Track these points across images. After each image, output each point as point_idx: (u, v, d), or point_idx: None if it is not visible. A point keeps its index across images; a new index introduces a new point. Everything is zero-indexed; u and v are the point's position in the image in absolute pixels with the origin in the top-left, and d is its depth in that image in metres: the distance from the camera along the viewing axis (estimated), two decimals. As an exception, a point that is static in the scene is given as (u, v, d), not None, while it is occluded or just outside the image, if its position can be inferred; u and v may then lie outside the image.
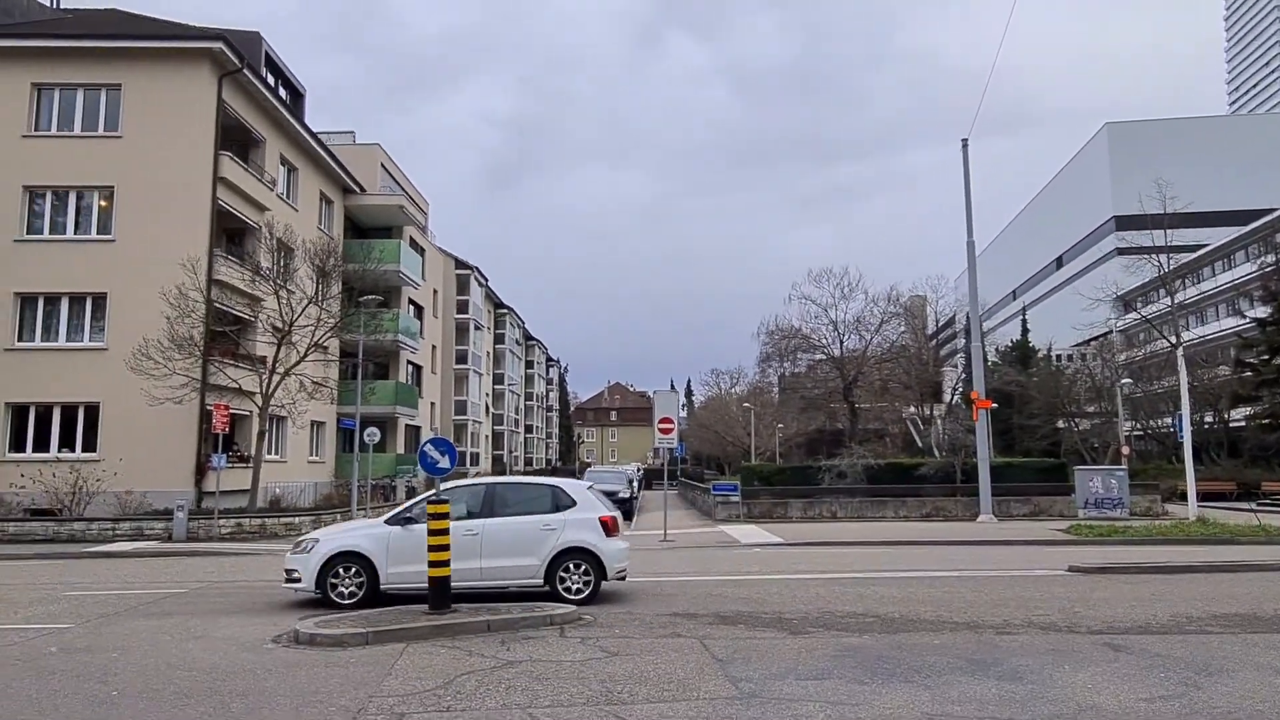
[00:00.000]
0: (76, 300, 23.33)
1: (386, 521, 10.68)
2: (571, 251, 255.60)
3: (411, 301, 39.42)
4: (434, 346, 44.99)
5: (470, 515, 10.57)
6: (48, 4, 28.60)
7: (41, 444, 22.61)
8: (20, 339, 22.97)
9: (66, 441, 22.67)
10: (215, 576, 14.00)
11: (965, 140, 25.32)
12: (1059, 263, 79.14)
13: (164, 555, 17.72)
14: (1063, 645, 7.79)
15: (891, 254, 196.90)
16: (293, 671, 7.02)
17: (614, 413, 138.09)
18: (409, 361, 38.85)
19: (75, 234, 23.54)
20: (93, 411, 22.70)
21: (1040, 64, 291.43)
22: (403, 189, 41.18)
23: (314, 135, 30.72)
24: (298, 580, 10.20)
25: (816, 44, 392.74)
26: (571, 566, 10.51)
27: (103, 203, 23.68)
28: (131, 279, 22.79)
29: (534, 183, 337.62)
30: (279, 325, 23.43)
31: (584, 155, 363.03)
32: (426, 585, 9.28)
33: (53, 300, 23.28)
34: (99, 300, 23.20)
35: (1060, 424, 42.92)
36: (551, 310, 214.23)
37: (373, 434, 23.68)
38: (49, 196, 23.66)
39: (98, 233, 23.49)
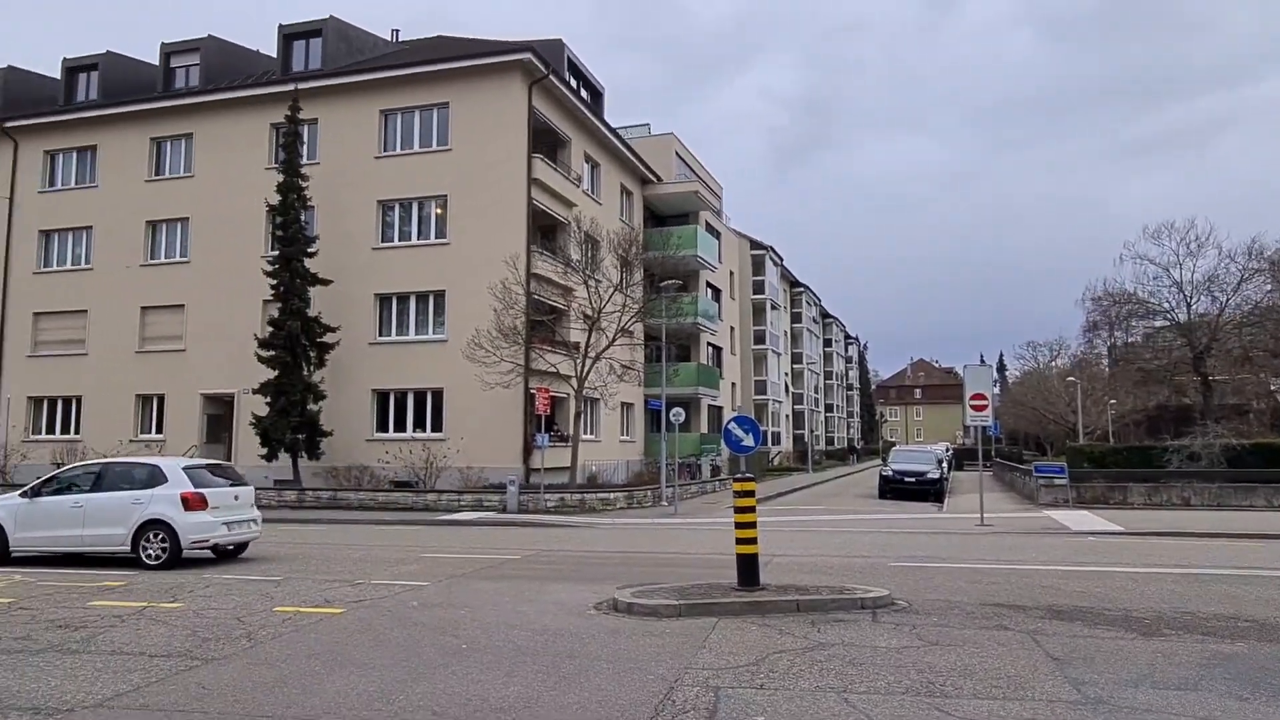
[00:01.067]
0: (421, 298, 26.47)
1: (20, 495, 12.84)
2: (866, 224, 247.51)
3: (709, 284, 40.29)
4: (732, 328, 45.70)
5: (80, 490, 12.54)
6: (388, 39, 32.61)
7: (400, 425, 25.99)
8: (380, 334, 26.53)
9: (419, 423, 25.85)
10: (543, 545, 15.22)
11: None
12: None
13: (499, 525, 19.63)
14: None
15: (1249, 201, 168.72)
16: (614, 638, 7.37)
17: (918, 390, 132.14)
18: (709, 343, 39.78)
19: (418, 240, 26.70)
20: (438, 396, 25.67)
21: None
22: (697, 175, 42.13)
23: (613, 131, 32.31)
24: None
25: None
26: (152, 536, 11.99)
27: (438, 210, 26.63)
28: (464, 277, 25.43)
29: (824, 157, 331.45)
30: (589, 313, 24.97)
31: (876, 124, 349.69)
32: (48, 548, 12.48)
33: (403, 299, 26.61)
34: (439, 297, 26.15)
35: None
36: (848, 286, 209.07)
37: (678, 414, 24.54)
38: (396, 208, 27.03)
39: (436, 237, 26.47)
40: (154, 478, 12.45)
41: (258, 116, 28.09)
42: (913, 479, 29.22)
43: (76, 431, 28.82)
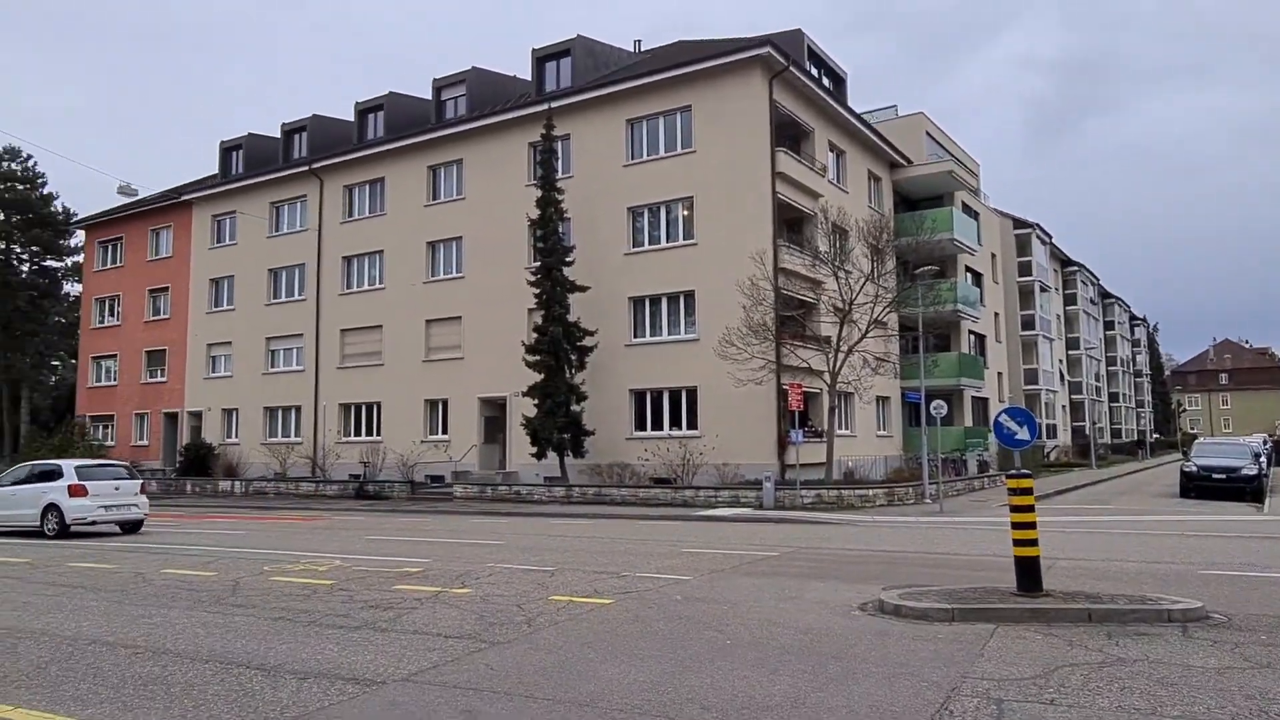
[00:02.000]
0: (672, 299, 27.12)
1: (18, 480, 18.39)
2: (1145, 193, 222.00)
3: (968, 269, 37.95)
4: (996, 314, 42.73)
5: (16, 483, 18.22)
6: (632, 50, 33.75)
7: (657, 423, 26.79)
8: (635, 335, 27.50)
9: (675, 421, 26.50)
10: (801, 542, 15.02)
11: None
12: None
13: (756, 521, 19.64)
14: None
15: None
16: (881, 640, 7.08)
17: (1223, 375, 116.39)
18: (970, 331, 37.47)
19: (666, 242, 27.38)
20: (692, 394, 26.17)
21: None
22: (950, 154, 39.83)
23: (857, 117, 31.32)
24: None
25: None
26: (50, 515, 17.10)
27: (685, 212, 27.15)
28: (712, 276, 25.74)
29: (1092, 124, 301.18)
30: (839, 305, 24.36)
31: (1152, 81, 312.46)
32: (13, 524, 17.90)
33: (655, 301, 27.40)
34: (689, 297, 26.65)
35: None
36: (1130, 263, 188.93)
37: (939, 407, 23.27)
38: (645, 213, 27.89)
39: (683, 239, 27.01)
40: (55, 474, 17.68)
41: (517, 137, 30.15)
42: (1223, 475, 25.76)
43: (378, 434, 32.44)
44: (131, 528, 18.10)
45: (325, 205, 35.10)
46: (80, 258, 47.89)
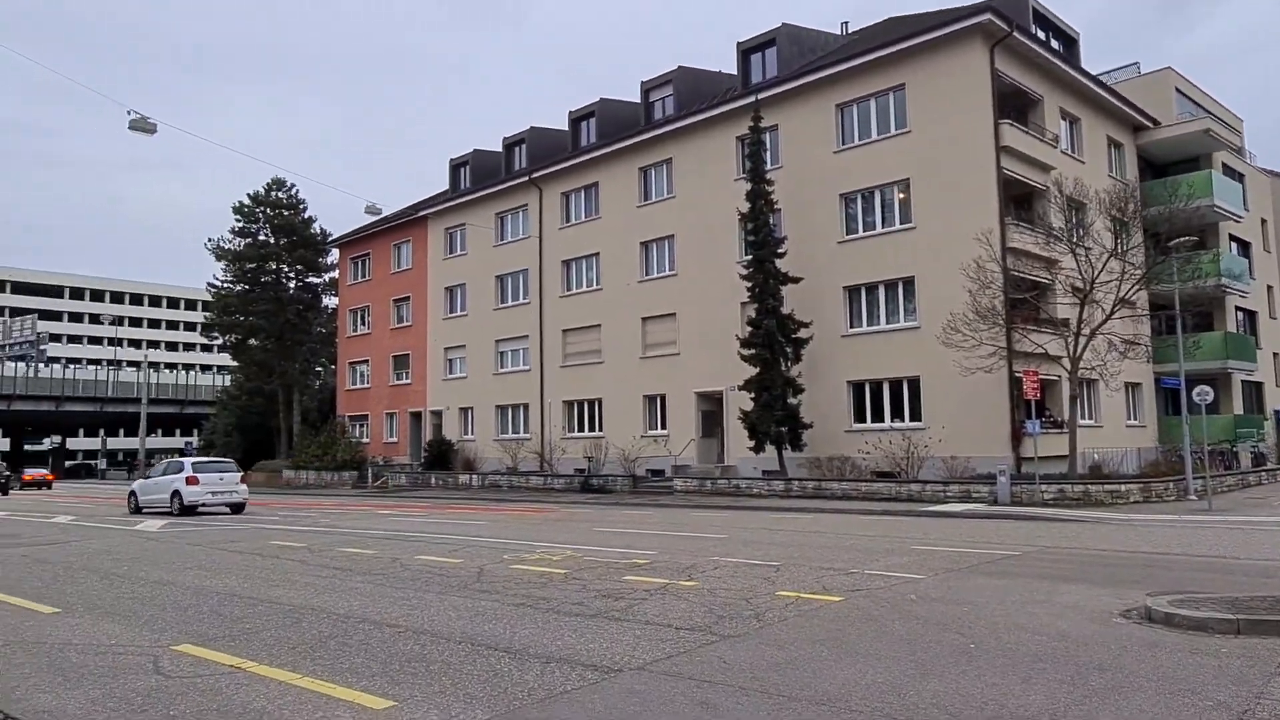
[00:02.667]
0: (890, 286, 26.12)
1: (158, 472, 25.21)
2: None
3: (1233, 238, 33.83)
4: (1269, 287, 37.69)
5: (161, 475, 24.76)
6: (838, 34, 32.82)
7: (877, 415, 25.92)
8: (851, 326, 26.74)
9: (896, 412, 25.53)
10: (1045, 541, 13.96)
11: None
12: None
13: (990, 518, 18.48)
14: None
15: None
16: (1151, 652, 6.41)
17: None
18: (1238, 308, 33.35)
19: (882, 228, 26.39)
20: (914, 384, 25.09)
21: None
22: (1206, 111, 35.57)
23: (1092, 79, 28.73)
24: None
25: None
26: (174, 498, 23.10)
27: (900, 195, 26.05)
28: (933, 260, 24.53)
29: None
30: (1078, 285, 22.48)
31: None
32: (153, 506, 24.07)
33: (871, 289, 26.50)
34: (908, 284, 25.56)
35: None
36: None
37: (1204, 393, 20.72)
38: (859, 199, 27.04)
39: (900, 223, 25.93)
40: (179, 469, 23.84)
41: (724, 132, 30.20)
42: None
43: (600, 429, 33.66)
44: (237, 509, 23.74)
45: (545, 212, 36.85)
46: (335, 273, 53.27)
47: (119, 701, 5.57)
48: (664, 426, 31.56)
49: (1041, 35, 27.94)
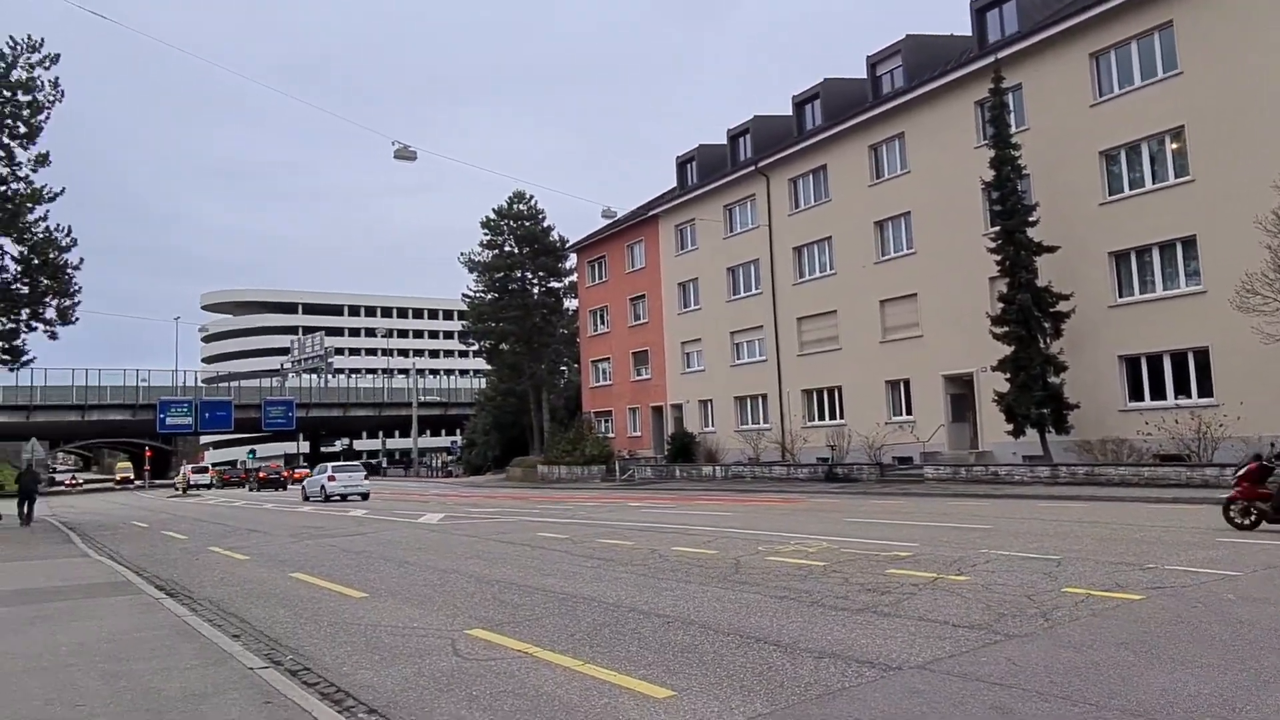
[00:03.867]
0: (1165, 248, 23.40)
1: (315, 473, 37.92)
2: None
3: None
4: None
5: (317, 475, 36.65)
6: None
7: (1157, 392, 23.33)
8: (1120, 295, 24.25)
9: (1181, 388, 22.85)
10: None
11: None
12: None
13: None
14: None
15: None
16: None
17: None
18: None
19: (1152, 184, 23.68)
20: (1201, 356, 22.34)
21: None
22: None
23: None
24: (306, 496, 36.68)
25: None
26: (320, 490, 34.20)
27: (1173, 145, 23.25)
28: (1218, 215, 21.71)
29: None
30: None
31: None
32: (314, 495, 35.46)
33: (1142, 253, 23.88)
34: (1188, 244, 22.79)
35: None
36: None
37: None
38: (1122, 155, 24.42)
39: (1175, 177, 23.14)
40: (324, 470, 35.56)
41: (960, 98, 28.43)
42: None
43: (841, 417, 32.87)
44: (363, 497, 33.83)
45: (773, 200, 36.50)
46: (574, 277, 55.94)
47: (427, 680, 6.11)
48: (909, 412, 30.26)
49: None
